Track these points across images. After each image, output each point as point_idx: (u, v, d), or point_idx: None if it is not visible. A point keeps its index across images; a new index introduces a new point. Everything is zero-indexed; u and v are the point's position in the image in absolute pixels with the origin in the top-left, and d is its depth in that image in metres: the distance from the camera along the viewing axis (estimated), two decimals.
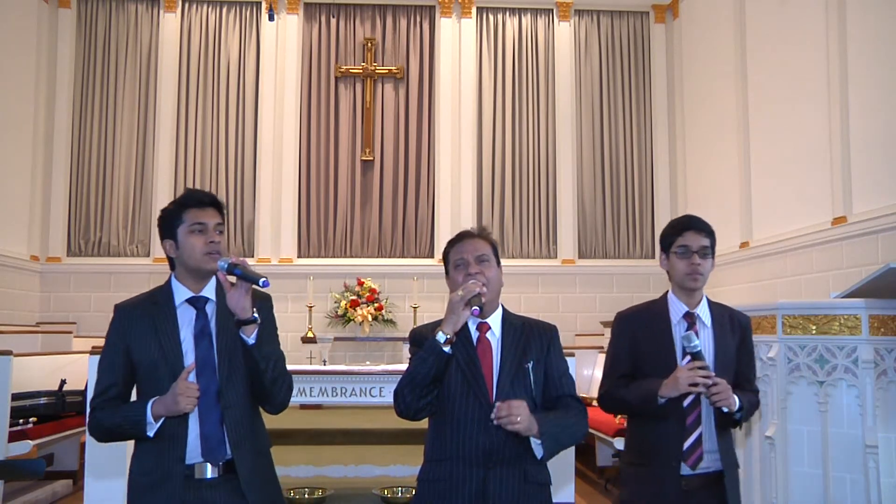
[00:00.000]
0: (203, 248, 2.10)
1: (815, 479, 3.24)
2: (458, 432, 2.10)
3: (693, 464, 2.31)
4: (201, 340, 2.10)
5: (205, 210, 2.14)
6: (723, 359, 2.38)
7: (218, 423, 2.07)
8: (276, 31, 9.01)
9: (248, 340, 2.04)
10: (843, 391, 3.23)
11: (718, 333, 2.40)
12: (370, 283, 8.57)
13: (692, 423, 2.33)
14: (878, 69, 5.45)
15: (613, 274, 8.99)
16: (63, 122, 8.76)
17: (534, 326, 2.23)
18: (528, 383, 2.13)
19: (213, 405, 2.07)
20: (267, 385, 2.10)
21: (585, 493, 5.45)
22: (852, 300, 3.25)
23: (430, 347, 2.01)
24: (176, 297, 2.15)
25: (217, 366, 2.09)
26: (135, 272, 8.55)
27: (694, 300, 2.42)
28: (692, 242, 2.38)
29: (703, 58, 8.47)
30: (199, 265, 2.12)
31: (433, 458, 2.15)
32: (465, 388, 2.11)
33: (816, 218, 6.08)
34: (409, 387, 2.05)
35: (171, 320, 2.12)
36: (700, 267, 2.36)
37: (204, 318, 2.12)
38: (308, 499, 4.70)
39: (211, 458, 2.06)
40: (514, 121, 9.19)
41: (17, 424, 4.46)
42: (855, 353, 3.21)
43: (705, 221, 2.45)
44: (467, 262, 2.16)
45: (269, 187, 8.85)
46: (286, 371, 2.17)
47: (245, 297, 2.01)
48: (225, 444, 2.07)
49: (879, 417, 3.14)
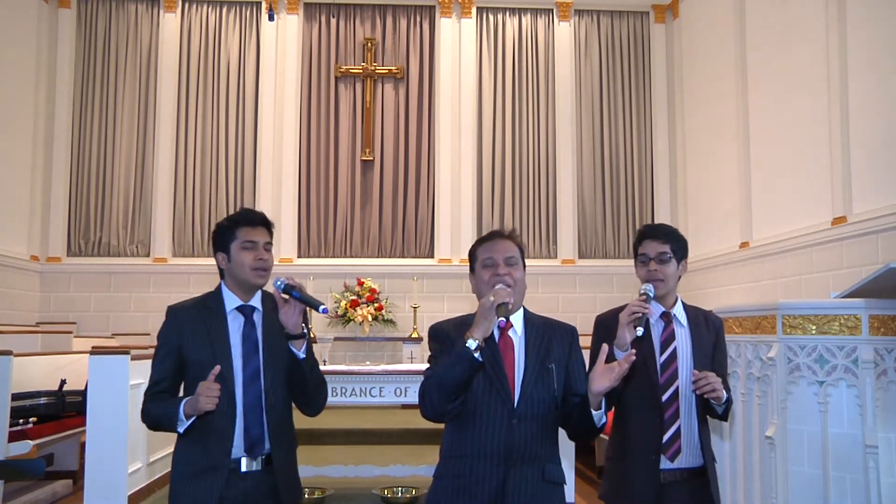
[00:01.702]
0: (252, 263, 2.32)
1: (815, 479, 3.24)
2: (480, 429, 2.09)
3: (672, 456, 2.40)
4: (249, 347, 2.28)
5: (256, 228, 2.36)
6: (700, 355, 2.49)
7: (261, 423, 2.23)
8: (276, 31, 9.02)
9: (300, 354, 2.23)
10: (843, 391, 3.23)
11: (695, 332, 2.52)
12: (370, 283, 8.57)
13: (671, 416, 2.42)
14: (878, 69, 5.45)
15: (613, 274, 8.99)
16: (63, 122, 8.77)
17: (555, 327, 2.25)
18: (550, 383, 2.13)
19: (257, 406, 2.24)
20: (310, 392, 2.30)
21: (585, 493, 5.44)
22: (852, 300, 3.25)
23: (461, 355, 1.98)
24: (227, 304, 2.33)
25: (263, 370, 2.26)
26: (135, 272, 8.55)
27: (667, 302, 2.54)
28: (649, 250, 2.53)
29: (703, 58, 8.47)
30: (247, 279, 2.32)
31: (452, 455, 2.14)
32: (487, 385, 2.10)
33: (816, 218, 6.08)
34: (436, 390, 2.03)
35: (223, 325, 2.29)
36: (657, 273, 2.49)
37: (251, 325, 2.31)
38: (308, 499, 4.70)
39: (252, 454, 2.22)
40: (514, 121, 9.19)
41: (17, 424, 4.47)
42: (855, 353, 3.20)
43: (667, 228, 2.60)
44: (496, 263, 2.16)
45: (269, 187, 8.85)
46: (323, 377, 2.36)
47: (298, 315, 2.21)
48: (265, 441, 2.24)
49: (879, 417, 3.14)
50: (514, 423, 2.07)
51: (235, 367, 2.25)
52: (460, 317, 2.24)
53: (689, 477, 2.43)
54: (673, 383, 2.45)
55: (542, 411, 2.11)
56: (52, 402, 4.88)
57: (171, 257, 8.72)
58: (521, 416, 2.08)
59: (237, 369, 2.25)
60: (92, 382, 4.37)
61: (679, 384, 2.44)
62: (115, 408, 4.35)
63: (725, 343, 2.64)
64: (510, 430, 2.07)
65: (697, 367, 2.44)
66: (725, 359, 2.64)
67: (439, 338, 2.19)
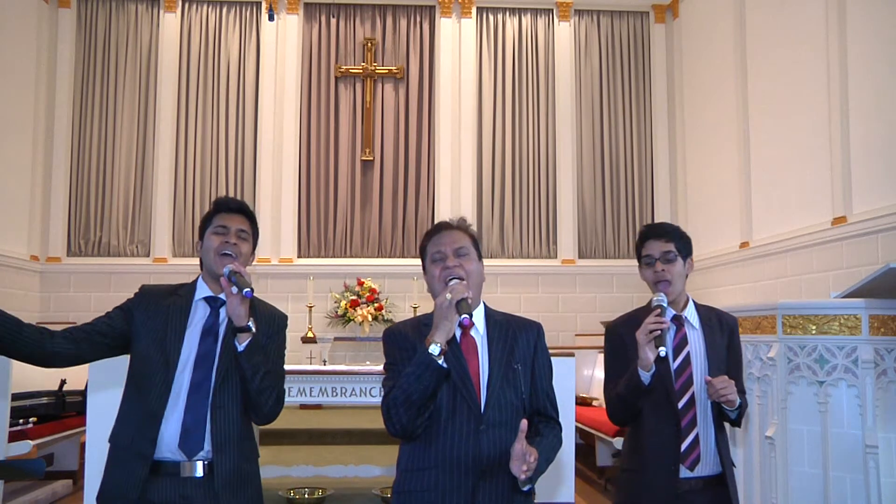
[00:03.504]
0: (218, 247, 2.19)
1: (815, 479, 3.24)
2: (445, 439, 1.93)
3: (691, 465, 2.31)
4: (207, 336, 2.14)
5: (231, 215, 2.25)
6: (714, 359, 2.40)
7: (202, 419, 2.07)
8: (276, 31, 9.02)
9: (238, 347, 2.08)
10: (843, 391, 3.23)
11: (708, 334, 2.43)
12: (370, 283, 8.57)
13: (688, 423, 2.33)
14: (878, 69, 5.45)
15: (613, 274, 8.99)
16: (63, 122, 8.77)
17: (520, 323, 2.10)
18: (517, 384, 2.00)
19: (202, 400, 2.09)
20: (252, 394, 2.11)
21: (585, 493, 5.45)
22: (852, 300, 3.25)
23: (424, 362, 1.83)
24: (197, 293, 2.22)
25: (216, 364, 2.11)
26: (135, 272, 8.55)
27: (678, 304, 2.44)
28: (653, 250, 2.44)
29: (703, 58, 8.47)
30: (211, 264, 2.20)
31: (414, 468, 1.97)
32: (451, 390, 1.94)
33: (816, 218, 6.08)
34: (403, 406, 1.86)
35: (184, 314, 2.17)
36: (664, 273, 2.40)
37: (215, 317, 2.17)
38: (308, 499, 4.70)
39: (186, 449, 2.05)
40: (514, 121, 9.19)
41: (17, 424, 4.46)
42: (855, 353, 3.21)
43: (669, 226, 2.52)
44: (445, 255, 2.01)
45: (269, 187, 8.85)
46: (275, 386, 2.17)
47: (240, 304, 2.06)
48: (203, 441, 2.07)
49: (879, 417, 3.15)
50: (482, 429, 1.92)
51: (183, 352, 2.10)
52: (417, 317, 2.11)
53: (708, 485, 2.34)
54: (688, 389, 2.36)
55: (510, 416, 1.96)
56: (52, 402, 4.88)
57: (171, 257, 8.72)
58: (488, 422, 1.93)
59: (185, 356, 2.10)
60: (92, 382, 4.37)
61: (694, 390, 2.35)
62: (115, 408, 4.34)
63: (740, 343, 2.54)
64: (478, 438, 1.92)
65: (712, 371, 2.36)
66: (741, 360, 2.56)
67: (397, 342, 2.02)
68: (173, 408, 2.07)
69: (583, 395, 6.23)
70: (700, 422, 2.35)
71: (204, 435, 2.07)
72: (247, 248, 2.26)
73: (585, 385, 6.69)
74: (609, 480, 5.65)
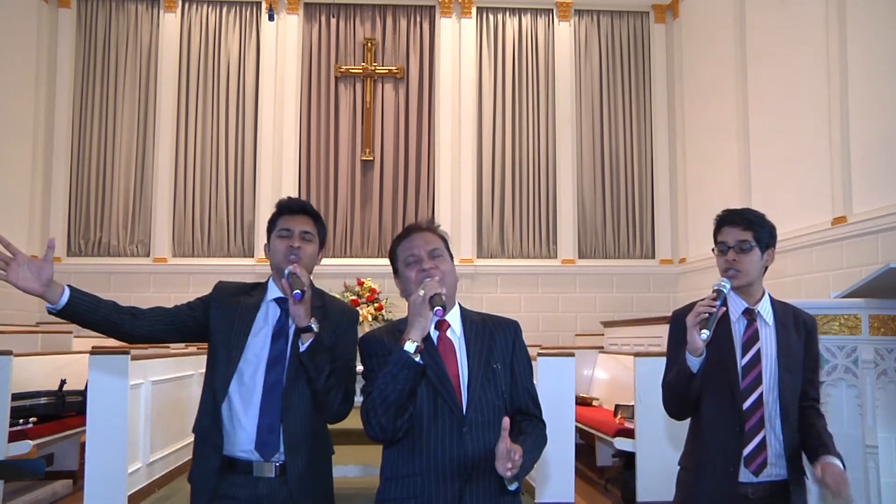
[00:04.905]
0: (284, 251, 2.22)
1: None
2: (428, 444, 1.89)
3: (756, 470, 2.17)
4: (278, 338, 2.17)
5: (294, 217, 2.28)
6: (787, 360, 2.24)
7: (276, 421, 2.11)
8: (276, 31, 9.02)
9: (301, 347, 2.09)
10: (843, 391, 3.23)
11: (781, 333, 2.26)
12: (370, 283, 8.57)
13: (753, 425, 2.19)
14: (878, 69, 5.45)
15: (613, 274, 8.99)
16: (63, 122, 8.77)
17: (496, 322, 2.08)
18: (498, 384, 1.97)
19: (276, 402, 2.12)
20: (318, 394, 2.13)
21: (585, 493, 5.44)
22: (852, 300, 3.25)
23: (400, 361, 1.81)
24: (268, 294, 2.25)
25: (287, 365, 2.14)
26: (135, 272, 8.56)
27: (752, 297, 2.30)
28: (728, 238, 2.30)
29: (703, 58, 8.47)
30: (279, 267, 2.21)
31: (397, 475, 1.93)
32: (431, 394, 1.92)
33: (816, 218, 6.09)
34: (381, 408, 1.83)
35: (251, 315, 2.21)
36: (736, 263, 2.25)
37: (285, 318, 2.19)
38: None
39: (263, 451, 2.10)
40: (514, 121, 9.19)
41: (17, 424, 4.46)
42: (855, 353, 3.21)
43: (750, 213, 2.34)
44: (420, 258, 2.01)
45: (269, 187, 8.85)
46: (341, 386, 2.16)
47: (297, 305, 2.05)
48: (279, 442, 2.10)
49: (879, 417, 3.15)
50: (465, 431, 1.89)
51: (254, 353, 2.14)
52: (392, 323, 2.10)
53: (774, 491, 2.19)
54: (756, 388, 2.20)
55: (492, 416, 1.92)
56: (52, 402, 4.87)
57: (171, 257, 8.72)
58: (471, 423, 1.90)
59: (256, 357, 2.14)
60: (92, 382, 4.37)
61: (763, 390, 2.20)
62: (115, 408, 4.35)
63: (818, 345, 2.39)
64: (461, 441, 1.88)
65: (783, 371, 2.21)
66: (818, 363, 2.40)
67: (374, 349, 2.00)
68: (247, 409, 2.11)
69: (583, 395, 6.24)
70: (768, 424, 2.19)
71: (279, 437, 2.10)
72: (312, 248, 2.28)
73: (585, 385, 6.69)
74: (609, 480, 5.65)
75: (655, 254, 9.16)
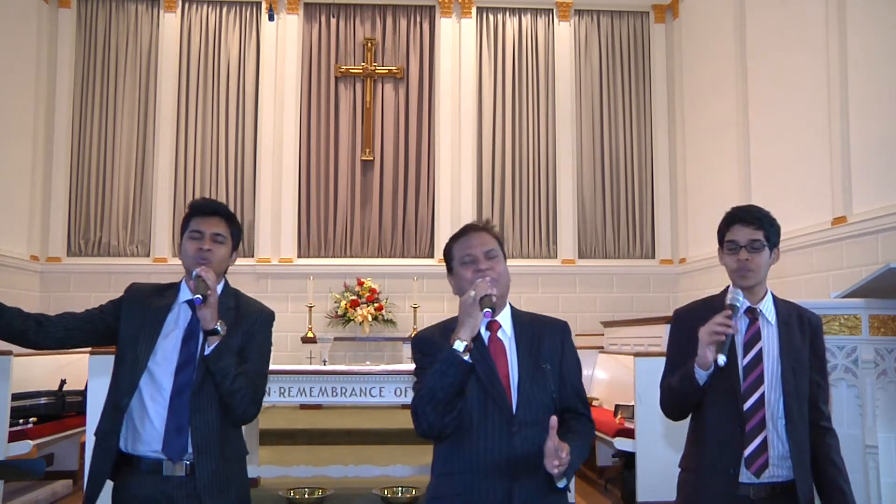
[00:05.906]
0: (193, 254, 2.20)
1: None
2: (478, 442, 1.92)
3: (757, 471, 2.14)
4: (189, 340, 2.16)
5: (207, 219, 2.25)
6: (790, 361, 2.19)
7: (185, 423, 2.10)
8: (276, 31, 9.02)
9: (206, 350, 2.10)
10: (844, 391, 3.24)
11: (784, 333, 2.21)
12: (370, 283, 8.57)
13: (754, 426, 2.15)
14: (878, 69, 5.46)
15: (613, 274, 8.99)
16: (63, 122, 8.77)
17: (545, 323, 2.10)
18: (547, 385, 1.99)
19: (184, 403, 2.12)
20: (224, 396, 2.13)
21: (585, 493, 5.44)
22: (852, 300, 3.25)
23: (449, 359, 1.84)
24: (180, 296, 2.23)
25: (196, 367, 2.14)
26: (135, 272, 8.54)
27: (756, 296, 2.24)
28: (739, 237, 2.22)
29: (703, 58, 8.47)
30: (189, 269, 2.20)
31: (447, 472, 1.96)
32: (481, 393, 1.94)
33: (816, 218, 6.08)
34: (430, 404, 1.86)
35: (162, 316, 2.20)
36: (748, 263, 2.19)
37: (197, 321, 2.16)
38: (308, 499, 4.70)
39: (169, 452, 2.09)
40: (514, 121, 9.19)
41: (17, 424, 4.46)
42: (855, 353, 3.21)
43: (759, 211, 2.27)
44: (476, 258, 2.00)
45: (269, 187, 8.85)
46: (248, 388, 2.16)
47: (205, 308, 2.08)
48: (188, 443, 2.10)
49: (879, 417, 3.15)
50: (515, 431, 1.92)
51: (165, 355, 2.13)
52: (444, 322, 2.09)
53: (774, 493, 2.15)
54: (757, 389, 2.16)
55: (541, 416, 1.94)
56: (52, 402, 4.87)
57: (170, 257, 8.72)
58: (521, 423, 1.93)
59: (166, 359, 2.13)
60: (92, 382, 4.36)
61: (765, 390, 2.16)
62: None
63: (824, 345, 2.31)
64: (511, 440, 1.91)
65: (786, 372, 2.17)
66: (824, 365, 2.31)
67: (425, 348, 2.02)
68: (155, 409, 2.11)
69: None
70: (770, 425, 2.16)
71: (187, 438, 2.10)
72: (223, 251, 2.25)
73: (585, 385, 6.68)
74: (609, 480, 5.65)
75: (655, 254, 9.16)
